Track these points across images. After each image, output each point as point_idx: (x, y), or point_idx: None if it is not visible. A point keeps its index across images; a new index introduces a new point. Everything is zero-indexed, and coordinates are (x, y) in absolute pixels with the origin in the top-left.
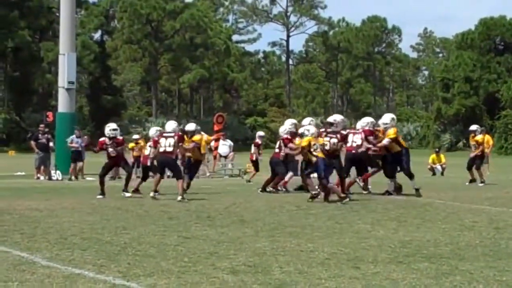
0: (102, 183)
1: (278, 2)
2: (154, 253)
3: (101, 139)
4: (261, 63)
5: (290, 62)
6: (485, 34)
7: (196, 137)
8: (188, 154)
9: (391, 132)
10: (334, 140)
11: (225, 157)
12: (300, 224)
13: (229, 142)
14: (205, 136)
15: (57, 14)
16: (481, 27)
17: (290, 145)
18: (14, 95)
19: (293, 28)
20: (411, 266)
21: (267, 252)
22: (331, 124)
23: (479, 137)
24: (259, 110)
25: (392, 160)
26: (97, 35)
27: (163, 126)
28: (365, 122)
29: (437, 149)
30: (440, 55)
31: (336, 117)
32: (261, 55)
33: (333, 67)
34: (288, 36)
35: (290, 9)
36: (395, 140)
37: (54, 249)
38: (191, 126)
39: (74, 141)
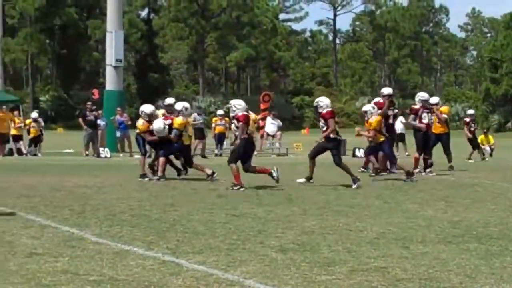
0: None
1: None
2: (203, 231)
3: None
4: (308, 42)
5: (337, 41)
6: None
7: (178, 120)
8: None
9: None
10: None
11: (273, 136)
12: (348, 203)
13: (277, 122)
14: (252, 115)
15: None
16: None
17: None
18: (62, 72)
19: (340, 7)
20: (460, 247)
21: (316, 231)
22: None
23: None
24: (306, 89)
25: None
26: (144, 13)
27: (210, 104)
28: None
29: (485, 130)
30: (488, 35)
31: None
32: (308, 34)
33: (380, 47)
34: (335, 15)
35: None
36: None
37: (104, 225)
38: (169, 100)
39: (196, 118)
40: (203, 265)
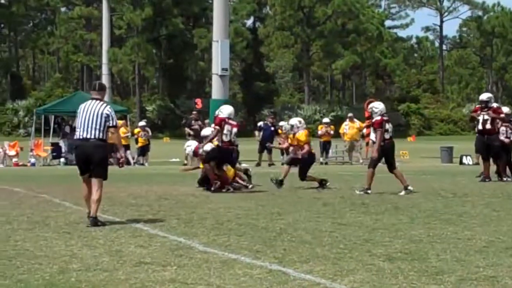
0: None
1: None
2: (309, 239)
3: None
4: (414, 49)
5: (444, 47)
6: None
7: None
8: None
9: None
10: None
11: None
12: (456, 211)
13: None
14: (357, 123)
15: (210, 1)
16: None
17: None
18: (168, 82)
19: (446, 13)
20: None
21: (423, 240)
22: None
23: None
24: (412, 96)
25: None
26: (249, 22)
27: (315, 112)
28: None
29: None
30: None
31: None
32: (414, 40)
33: (488, 53)
34: (442, 21)
35: None
36: None
37: (211, 234)
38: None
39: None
40: (310, 274)
